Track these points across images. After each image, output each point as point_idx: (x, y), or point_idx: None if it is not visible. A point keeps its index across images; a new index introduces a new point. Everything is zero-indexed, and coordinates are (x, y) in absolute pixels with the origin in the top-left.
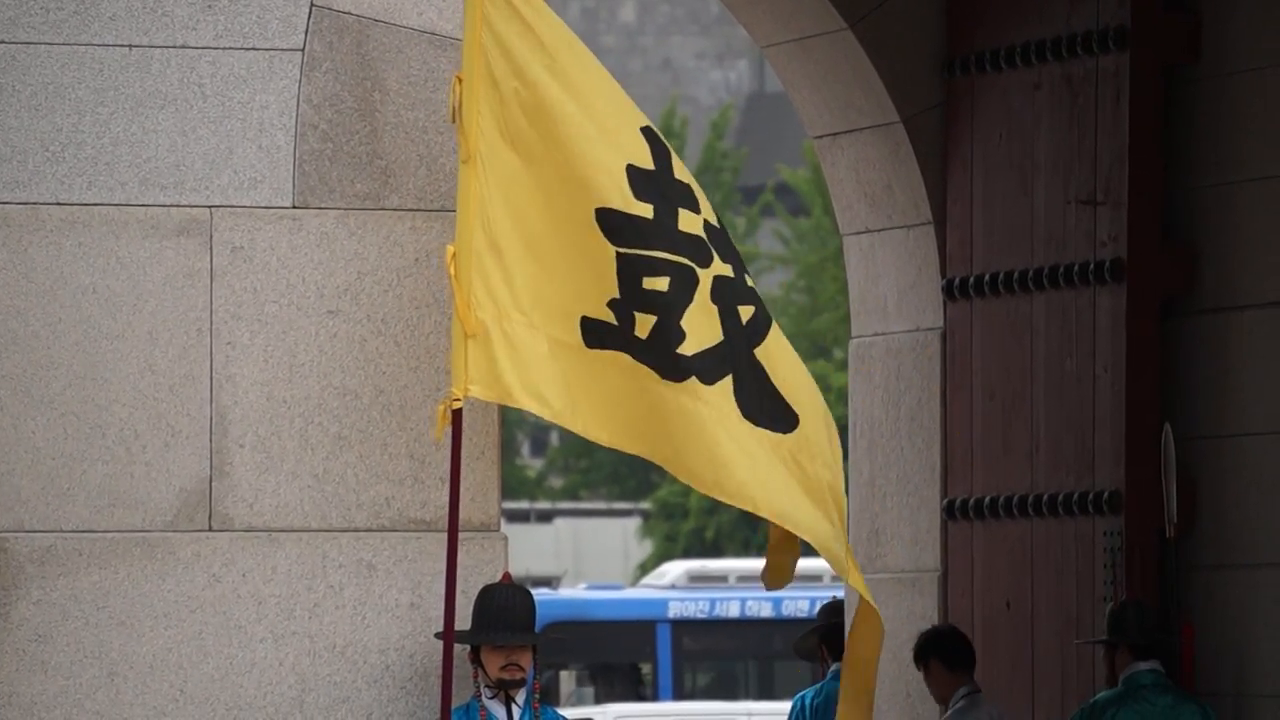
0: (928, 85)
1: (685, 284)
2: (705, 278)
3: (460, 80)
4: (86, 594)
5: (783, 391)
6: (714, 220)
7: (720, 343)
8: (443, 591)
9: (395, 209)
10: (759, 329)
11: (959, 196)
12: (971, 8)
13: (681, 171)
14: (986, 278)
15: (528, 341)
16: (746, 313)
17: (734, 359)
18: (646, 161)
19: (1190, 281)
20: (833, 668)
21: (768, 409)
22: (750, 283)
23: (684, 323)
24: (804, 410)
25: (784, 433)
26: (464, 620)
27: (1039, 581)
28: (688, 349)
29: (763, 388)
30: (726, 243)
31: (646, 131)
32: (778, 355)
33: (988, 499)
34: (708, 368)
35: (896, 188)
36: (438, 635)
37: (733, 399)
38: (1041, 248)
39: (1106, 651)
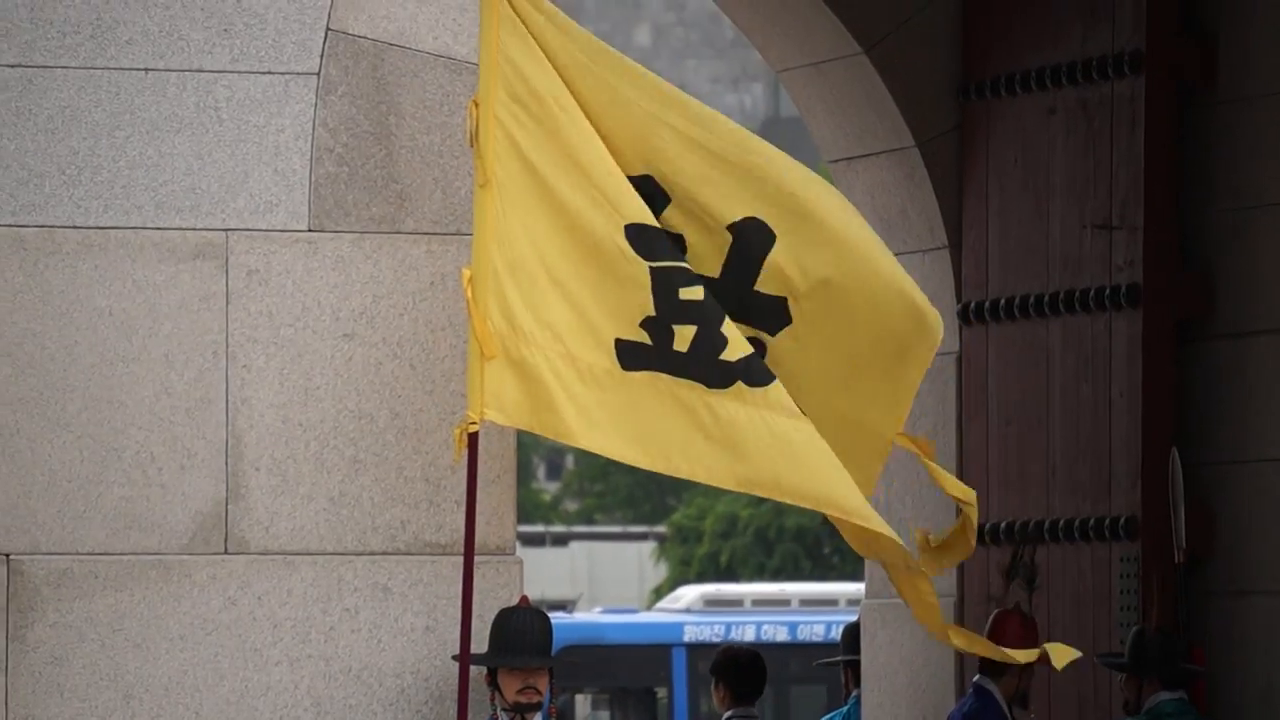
0: (943, 109)
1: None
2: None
3: (476, 104)
4: (102, 616)
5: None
6: (708, 271)
7: (755, 352)
8: (458, 615)
9: (411, 232)
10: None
11: (974, 221)
12: (987, 32)
13: (678, 220)
14: (1002, 302)
15: (545, 365)
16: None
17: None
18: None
19: (1207, 306)
20: (854, 693)
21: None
22: (747, 333)
23: (725, 329)
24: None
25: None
26: (480, 643)
27: (1055, 607)
28: (731, 355)
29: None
30: (718, 293)
31: (637, 180)
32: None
33: (1004, 524)
34: (754, 370)
35: (912, 212)
36: (454, 658)
37: (787, 395)
38: (1057, 272)
39: (1129, 677)
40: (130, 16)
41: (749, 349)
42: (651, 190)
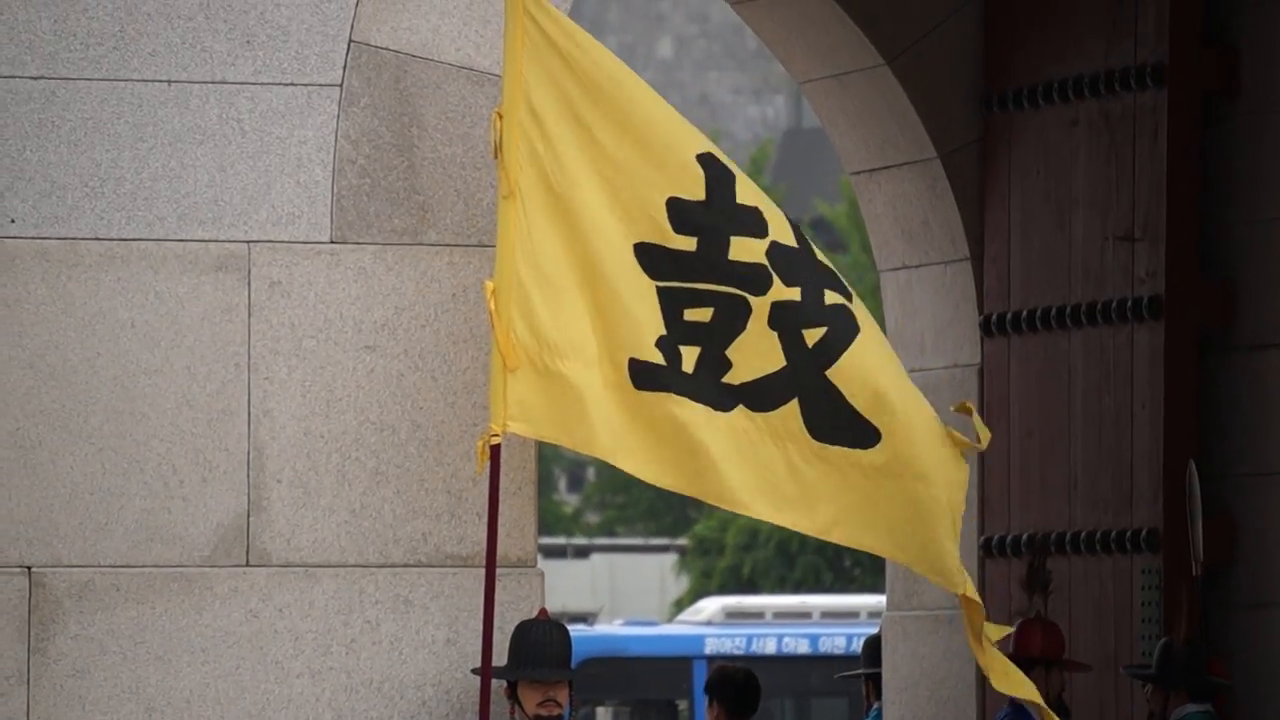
0: (965, 121)
1: (734, 314)
2: (761, 305)
3: (500, 115)
4: (124, 629)
5: (861, 410)
6: (789, 240)
7: (781, 369)
8: (480, 627)
9: (433, 244)
10: (830, 350)
11: (996, 232)
12: (1009, 44)
13: (748, 194)
14: (1024, 314)
15: (569, 377)
16: (814, 335)
17: (799, 382)
18: (697, 192)
19: (1229, 318)
20: (875, 706)
21: (844, 427)
22: (833, 299)
23: (730, 352)
24: (894, 426)
25: (864, 448)
26: (500, 656)
27: (1077, 619)
28: (733, 379)
29: (837, 407)
30: (802, 262)
31: (704, 159)
32: (856, 373)
33: (1025, 536)
34: (758, 395)
35: (933, 224)
36: (474, 671)
37: (800, 421)
38: (1079, 284)
39: (1155, 689)
40: (153, 29)
41: (766, 370)
42: (720, 165)
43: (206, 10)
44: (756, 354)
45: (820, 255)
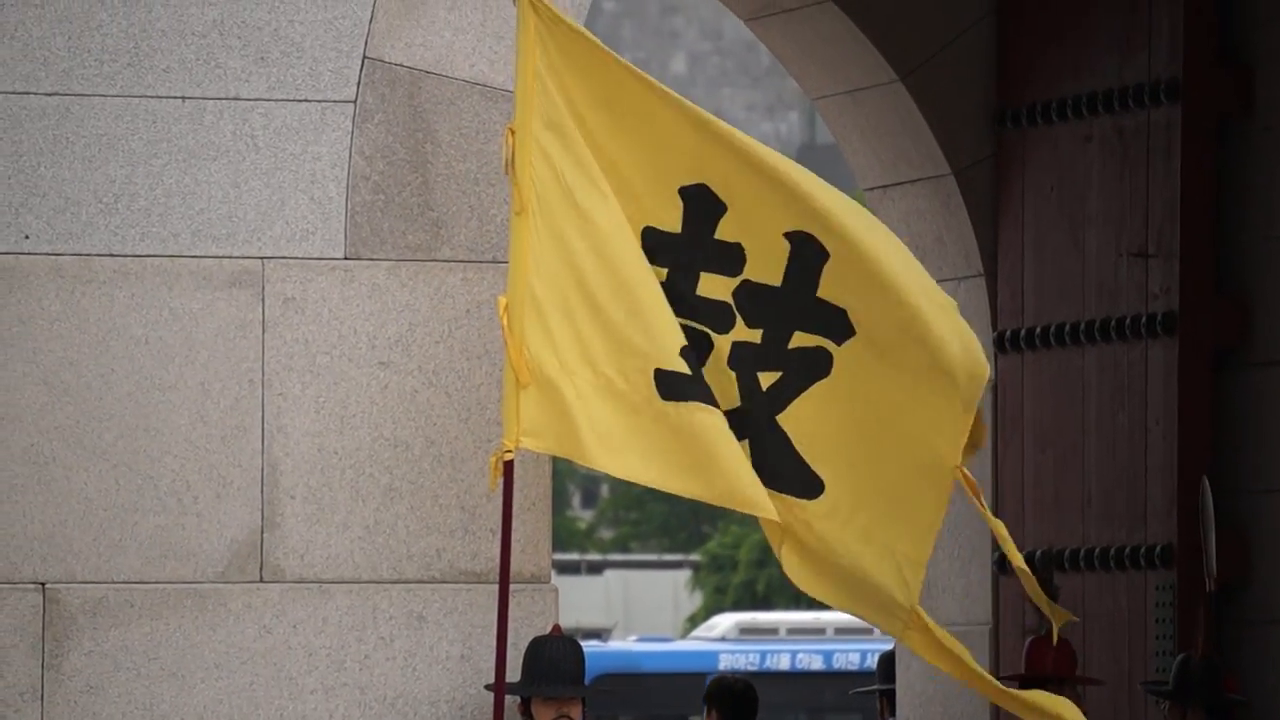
0: (979, 137)
1: (699, 350)
2: (722, 343)
3: (513, 131)
4: (138, 645)
5: (807, 458)
6: (771, 279)
7: (736, 409)
8: (493, 643)
9: (447, 260)
10: (783, 394)
11: (1010, 249)
12: (1023, 60)
13: (734, 230)
14: (1038, 330)
15: (581, 392)
16: (769, 379)
17: (751, 424)
18: (672, 224)
19: (1243, 334)
20: None
21: (788, 474)
22: (803, 341)
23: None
24: (841, 476)
25: (806, 499)
26: (514, 672)
27: (1091, 635)
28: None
29: (784, 454)
30: (779, 302)
31: (688, 191)
32: (808, 420)
33: (1039, 552)
34: None
35: (947, 240)
36: (488, 687)
37: (748, 464)
38: (1093, 300)
39: (1172, 705)
40: (167, 45)
41: (723, 407)
42: (707, 199)
43: (220, 27)
44: (716, 392)
45: (828, 294)
